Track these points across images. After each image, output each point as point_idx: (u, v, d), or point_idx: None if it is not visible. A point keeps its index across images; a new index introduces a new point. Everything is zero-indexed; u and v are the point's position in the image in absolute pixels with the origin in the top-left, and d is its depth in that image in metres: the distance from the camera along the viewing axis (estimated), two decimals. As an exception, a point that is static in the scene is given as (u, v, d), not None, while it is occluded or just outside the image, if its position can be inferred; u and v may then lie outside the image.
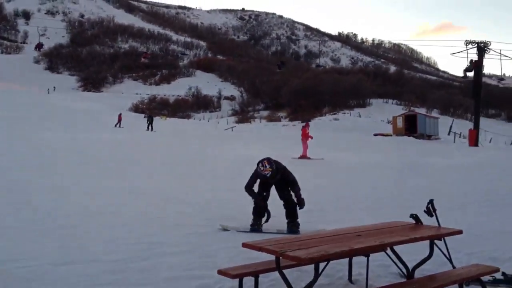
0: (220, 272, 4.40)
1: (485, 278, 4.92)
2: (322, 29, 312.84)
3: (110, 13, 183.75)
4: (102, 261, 5.40)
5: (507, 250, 6.35)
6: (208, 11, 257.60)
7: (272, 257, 4.06)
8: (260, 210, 7.22)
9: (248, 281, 4.53)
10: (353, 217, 8.01)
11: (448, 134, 45.92)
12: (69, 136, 25.14)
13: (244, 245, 4.12)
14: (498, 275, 5.07)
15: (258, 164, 7.10)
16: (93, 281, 4.80)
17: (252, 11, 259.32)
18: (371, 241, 4.22)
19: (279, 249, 3.79)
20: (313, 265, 3.87)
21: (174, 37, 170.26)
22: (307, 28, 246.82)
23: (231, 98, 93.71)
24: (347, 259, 5.12)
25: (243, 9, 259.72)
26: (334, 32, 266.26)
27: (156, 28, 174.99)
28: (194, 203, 9.41)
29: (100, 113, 52.91)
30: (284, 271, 4.10)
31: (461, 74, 43.75)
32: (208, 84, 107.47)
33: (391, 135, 43.07)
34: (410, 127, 43.88)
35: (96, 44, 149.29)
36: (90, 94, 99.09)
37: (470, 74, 40.13)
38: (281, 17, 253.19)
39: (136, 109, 76.87)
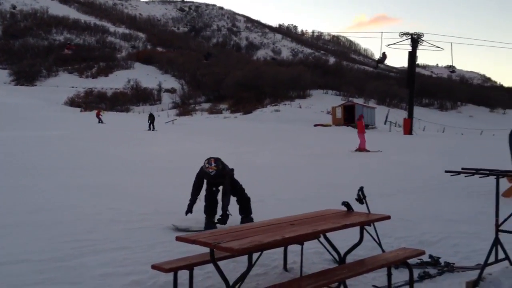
0: (154, 266, 4.34)
1: (414, 261, 5.15)
2: (263, 21, 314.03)
3: (44, 4, 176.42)
4: (32, 261, 5.21)
5: (435, 233, 6.65)
6: (146, 2, 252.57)
7: (208, 250, 4.06)
8: (211, 208, 7.10)
9: (184, 275, 4.51)
10: (293, 207, 8.10)
11: (385, 123, 47.50)
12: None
13: (178, 238, 4.08)
14: (426, 258, 5.32)
15: (204, 162, 7.01)
16: (20, 281, 4.62)
17: (192, 2, 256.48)
18: (304, 229, 4.30)
19: (212, 241, 3.78)
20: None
21: (112, 28, 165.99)
22: (248, 19, 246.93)
23: (172, 91, 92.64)
24: (282, 248, 5.20)
25: (183, 0, 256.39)
26: (274, 24, 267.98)
27: (92, 20, 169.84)
28: (130, 199, 9.23)
29: (40, 108, 50.86)
30: (221, 262, 4.10)
31: (397, 65, 46.03)
32: (147, 76, 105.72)
33: (330, 126, 44.02)
34: (348, 117, 44.99)
35: (29, 37, 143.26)
36: (24, 88, 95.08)
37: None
38: (221, 8, 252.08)
39: (72, 103, 74.46)
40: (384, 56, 42.14)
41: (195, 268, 4.49)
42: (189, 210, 7.07)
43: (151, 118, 36.78)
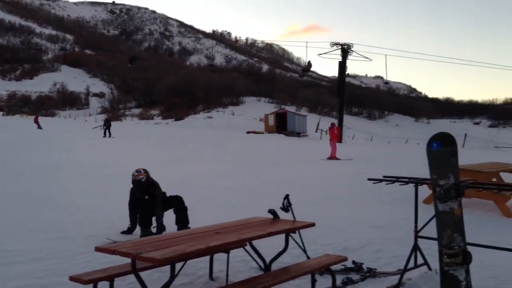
0: (72, 278, 4.14)
1: (338, 267, 5.23)
2: (197, 26, 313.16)
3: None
4: None
5: (359, 239, 6.80)
6: (75, 3, 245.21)
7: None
8: (145, 218, 6.91)
9: (104, 286, 4.33)
10: (222, 215, 8.02)
11: (316, 131, 48.45)
12: None
13: (98, 249, 3.92)
14: (350, 264, 5.42)
15: (133, 173, 6.95)
16: None
17: (123, 5, 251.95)
18: (229, 237, 4.25)
19: (133, 251, 3.65)
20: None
21: (38, 29, 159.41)
22: (181, 24, 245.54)
23: (101, 95, 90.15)
24: (209, 257, 5.12)
25: (113, 2, 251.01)
26: (208, 29, 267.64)
27: (17, 20, 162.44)
28: (49, 207, 8.81)
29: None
30: (145, 272, 3.97)
31: (328, 74, 47.61)
32: (75, 80, 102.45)
33: (263, 133, 44.38)
34: (281, 124, 45.51)
35: None
36: None
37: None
38: (154, 12, 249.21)
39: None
40: (309, 65, 43.24)
41: (116, 279, 4.33)
42: (129, 233, 6.90)
43: (107, 124, 34.54)
